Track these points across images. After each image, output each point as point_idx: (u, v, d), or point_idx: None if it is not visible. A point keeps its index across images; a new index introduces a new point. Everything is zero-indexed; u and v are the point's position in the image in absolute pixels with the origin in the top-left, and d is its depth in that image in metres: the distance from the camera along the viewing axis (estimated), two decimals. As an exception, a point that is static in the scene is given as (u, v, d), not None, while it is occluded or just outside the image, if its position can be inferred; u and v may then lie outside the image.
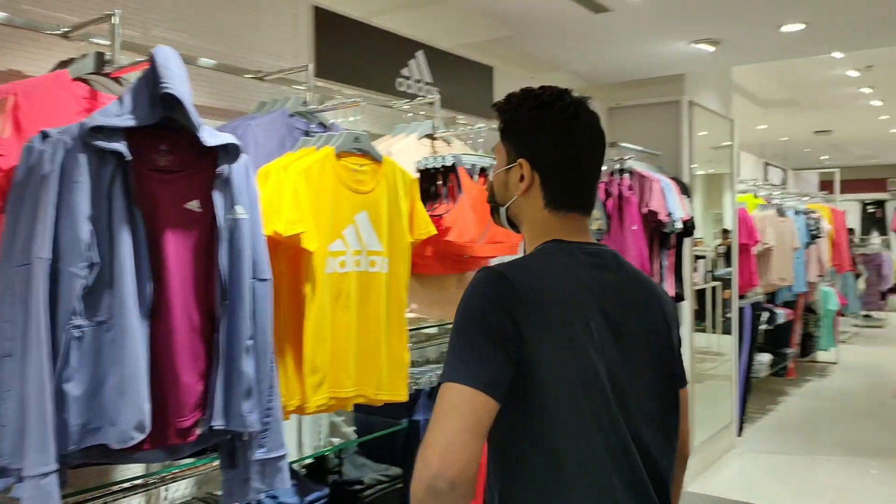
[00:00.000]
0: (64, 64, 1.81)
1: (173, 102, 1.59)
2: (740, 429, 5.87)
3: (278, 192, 1.98)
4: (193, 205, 1.70)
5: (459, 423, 1.13)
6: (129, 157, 1.54)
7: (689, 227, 4.29)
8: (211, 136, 1.67)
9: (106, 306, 1.52)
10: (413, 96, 3.18)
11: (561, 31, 3.50)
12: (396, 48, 3.15)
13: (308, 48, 2.74)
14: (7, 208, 1.51)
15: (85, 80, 1.79)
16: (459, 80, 3.49)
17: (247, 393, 1.71)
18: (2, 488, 1.43)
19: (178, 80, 1.59)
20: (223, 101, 2.51)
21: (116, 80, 1.83)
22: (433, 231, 2.36)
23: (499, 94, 3.75)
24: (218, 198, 1.70)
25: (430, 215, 2.45)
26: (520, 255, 3.14)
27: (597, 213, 3.34)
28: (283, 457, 1.81)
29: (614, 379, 1.26)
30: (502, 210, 1.45)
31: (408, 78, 3.18)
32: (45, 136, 1.53)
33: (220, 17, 2.46)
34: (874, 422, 6.34)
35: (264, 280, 1.78)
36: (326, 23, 2.79)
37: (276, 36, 2.63)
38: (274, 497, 2.13)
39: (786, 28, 3.52)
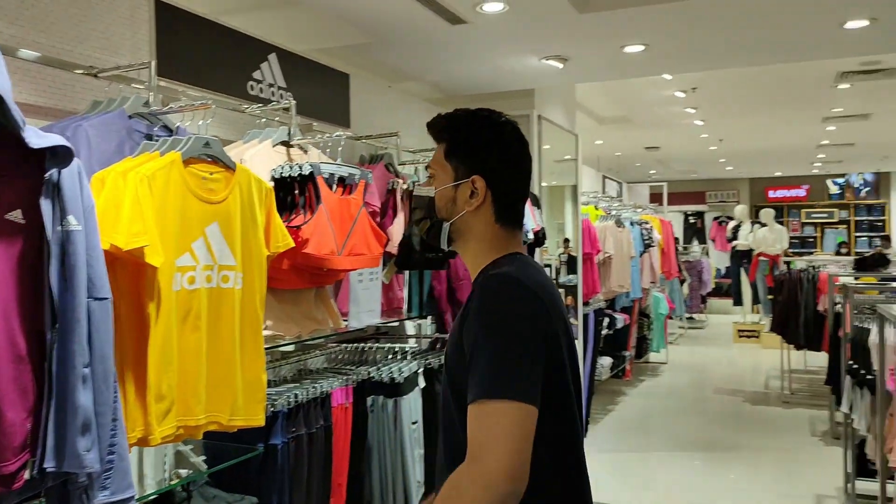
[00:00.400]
0: None
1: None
2: (585, 430, 6.14)
3: (117, 201, 1.79)
4: (15, 215, 1.48)
5: (522, 443, 1.19)
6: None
7: (540, 237, 4.41)
8: (36, 136, 1.46)
9: None
10: (266, 101, 3.03)
11: (419, 41, 3.48)
12: (248, 50, 2.98)
13: (149, 44, 2.52)
14: None
15: None
16: (314, 85, 3.37)
17: (83, 428, 1.51)
18: None
19: (-5, 74, 1.38)
20: (48, 99, 2.24)
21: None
22: (291, 243, 2.23)
23: (355, 102, 3.67)
24: (46, 207, 1.49)
25: (287, 226, 2.32)
26: (381, 268, 3.06)
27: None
28: (130, 499, 1.62)
29: (572, 373, 1.41)
30: (446, 225, 1.47)
31: (260, 81, 3.03)
32: None
33: (45, 3, 2.20)
34: (699, 417, 6.87)
35: (102, 299, 1.59)
36: (170, 18, 2.58)
37: (112, 29, 2.39)
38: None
39: (628, 49, 3.72)
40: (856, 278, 6.26)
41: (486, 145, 1.45)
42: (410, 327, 4.10)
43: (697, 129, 9.93)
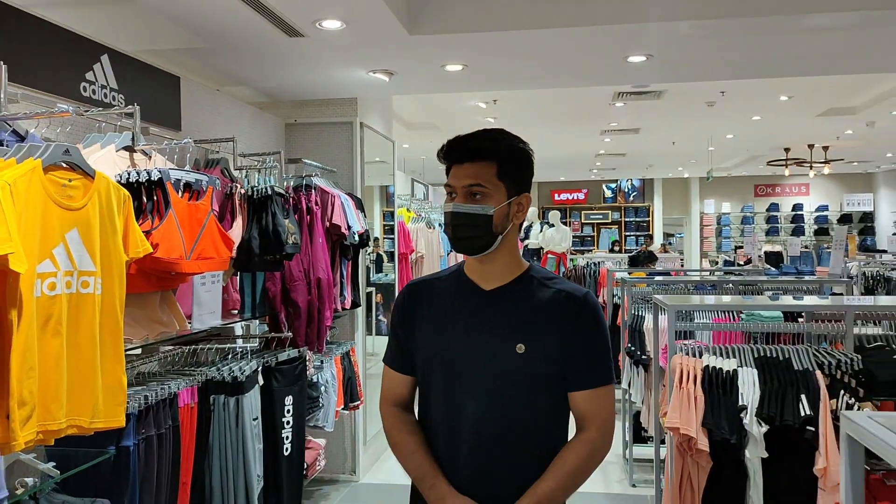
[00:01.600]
0: None
1: None
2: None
3: (-23, 209, 1.78)
4: None
5: None
6: None
7: (364, 239, 4.67)
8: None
9: None
10: (98, 102, 2.99)
11: (253, 49, 3.57)
12: (80, 50, 2.92)
13: (-21, 43, 2.42)
14: None
15: None
16: (146, 88, 3.35)
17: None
18: None
19: None
20: None
21: None
22: (149, 249, 2.29)
23: (186, 105, 3.68)
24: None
25: (138, 232, 2.37)
26: (229, 271, 3.14)
27: (292, 226, 3.49)
28: (4, 500, 1.65)
29: None
30: (499, 238, 1.67)
31: (93, 83, 2.97)
32: None
33: None
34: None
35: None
36: None
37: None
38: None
39: (448, 67, 4.10)
40: (629, 273, 7.22)
41: (529, 169, 1.71)
42: (238, 328, 4.17)
43: (496, 137, 10.71)
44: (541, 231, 12.38)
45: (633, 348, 4.72)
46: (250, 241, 3.27)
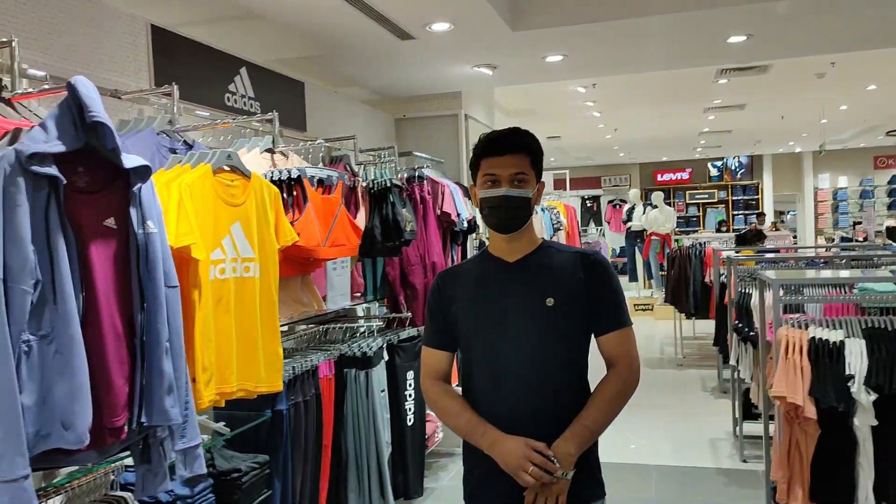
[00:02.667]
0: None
1: (95, 128, 1.73)
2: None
3: (165, 207, 2.14)
4: (110, 222, 1.84)
5: None
6: (63, 180, 1.66)
7: (472, 225, 4.93)
8: (126, 159, 1.82)
9: (48, 320, 1.63)
10: (240, 111, 3.38)
11: (368, 53, 3.89)
12: (224, 65, 3.31)
13: (148, 66, 2.83)
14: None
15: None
16: (276, 94, 3.73)
17: (168, 390, 1.89)
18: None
19: (101, 108, 1.73)
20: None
21: (9, 103, 1.87)
22: (296, 238, 2.64)
23: (310, 108, 4.05)
24: (133, 214, 1.85)
25: (283, 223, 2.71)
26: (353, 257, 3.47)
27: (408, 215, 3.80)
28: (199, 445, 2.01)
29: None
30: (530, 217, 1.96)
31: (234, 93, 3.37)
32: (-40, 160, 1.59)
33: (65, 34, 2.49)
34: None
35: (174, 287, 1.96)
36: (163, 41, 2.90)
37: (117, 53, 2.70)
38: (169, 490, 2.27)
39: (549, 58, 4.29)
40: (736, 252, 7.15)
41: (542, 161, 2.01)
42: (360, 310, 4.54)
43: (595, 120, 10.76)
44: (644, 213, 12.27)
45: (740, 325, 4.76)
46: (373, 229, 3.60)
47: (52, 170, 1.64)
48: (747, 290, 4.81)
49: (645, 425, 5.91)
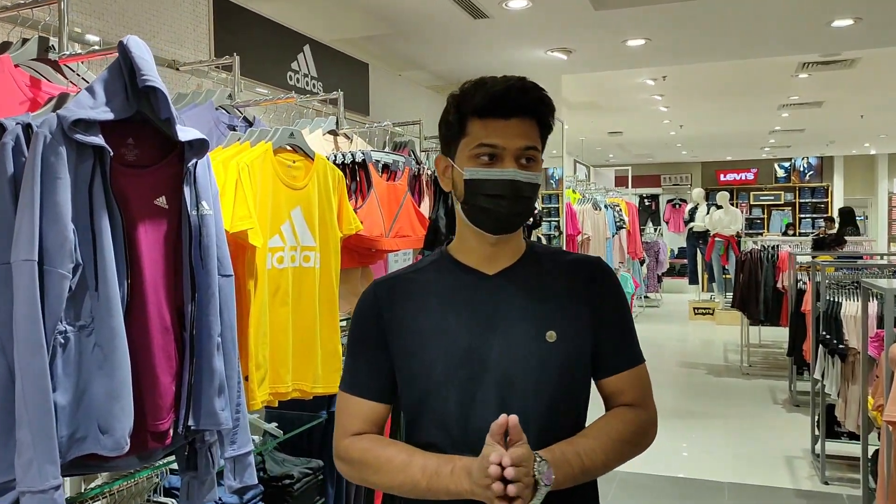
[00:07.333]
0: (-5, 47, 1.65)
1: (148, 95, 1.54)
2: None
3: (221, 188, 1.95)
4: (161, 201, 1.65)
5: None
6: (111, 152, 1.47)
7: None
8: (181, 131, 1.63)
9: (87, 309, 1.44)
10: (301, 90, 3.19)
11: (437, 32, 3.67)
12: (287, 42, 3.13)
13: (209, 38, 2.66)
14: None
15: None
16: (339, 75, 3.54)
17: (219, 390, 1.70)
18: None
19: (155, 73, 1.54)
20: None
21: (56, 67, 1.70)
22: (360, 227, 2.42)
23: (374, 91, 3.84)
24: (188, 193, 1.66)
25: (345, 210, 2.50)
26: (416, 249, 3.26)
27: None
28: (251, 452, 1.81)
29: None
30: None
31: (297, 72, 3.18)
32: (0, 127, 1.41)
33: (122, 1, 2.33)
34: (668, 388, 7.28)
35: (228, 276, 1.77)
36: (225, 12, 2.72)
37: (178, 23, 2.53)
38: (217, 499, 2.09)
39: (630, 42, 3.99)
40: (813, 257, 6.72)
41: None
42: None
43: (661, 115, 10.33)
44: (707, 213, 11.82)
45: (828, 337, 4.39)
46: (437, 220, 3.36)
47: (99, 139, 1.45)
48: (836, 299, 4.44)
49: (708, 437, 5.57)
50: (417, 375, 1.31)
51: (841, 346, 4.20)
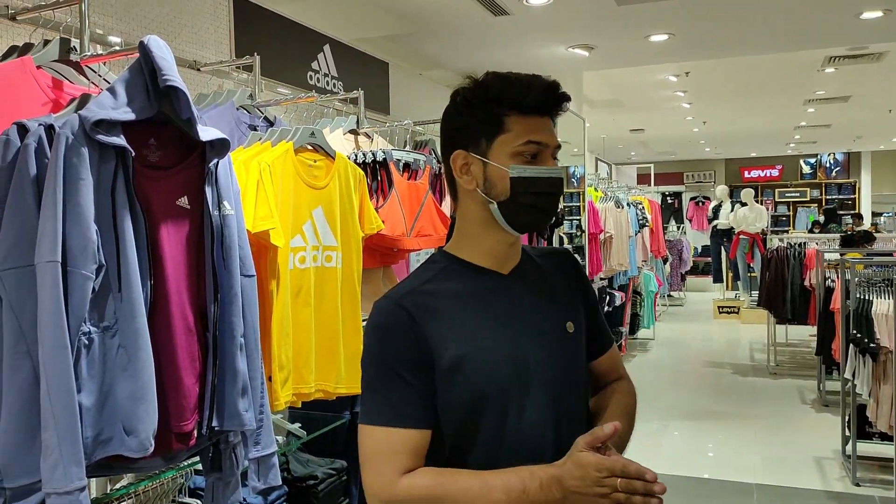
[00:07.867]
0: (17, 50, 1.65)
1: (169, 95, 1.53)
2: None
3: (243, 188, 1.95)
4: (183, 201, 1.64)
5: None
6: (133, 152, 1.46)
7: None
8: (202, 131, 1.62)
9: (111, 310, 1.44)
10: (322, 90, 3.18)
11: (458, 31, 3.65)
12: (307, 41, 3.13)
13: (229, 39, 2.66)
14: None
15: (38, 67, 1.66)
16: (360, 74, 3.52)
17: (242, 391, 1.69)
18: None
19: (176, 73, 1.53)
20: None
21: (78, 68, 1.70)
22: (381, 226, 2.41)
23: (394, 90, 3.83)
24: (209, 194, 1.65)
25: (366, 210, 2.49)
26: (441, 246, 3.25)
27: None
28: (275, 453, 1.81)
29: None
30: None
31: (317, 71, 3.18)
32: (22, 128, 1.41)
33: (143, 1, 2.33)
34: (693, 388, 7.19)
35: (250, 276, 1.76)
36: (245, 13, 2.72)
37: (199, 25, 2.53)
38: (242, 499, 2.09)
39: (653, 38, 3.93)
40: (841, 254, 6.59)
41: None
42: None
43: (684, 112, 10.21)
44: (731, 211, 11.67)
45: (859, 335, 4.30)
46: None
47: (121, 140, 1.45)
48: (867, 297, 4.35)
49: (736, 438, 5.48)
50: (467, 391, 1.22)
51: (872, 345, 4.12)
